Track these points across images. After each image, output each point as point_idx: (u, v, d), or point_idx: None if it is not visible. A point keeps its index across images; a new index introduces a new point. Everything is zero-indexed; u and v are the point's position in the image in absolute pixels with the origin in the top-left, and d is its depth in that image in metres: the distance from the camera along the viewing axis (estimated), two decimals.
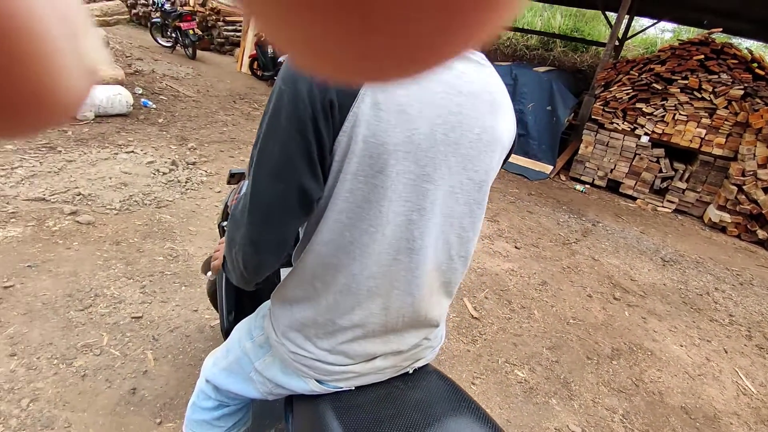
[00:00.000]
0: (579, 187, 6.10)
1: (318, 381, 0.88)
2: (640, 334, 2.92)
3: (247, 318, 1.04)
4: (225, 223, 1.21)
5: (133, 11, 10.44)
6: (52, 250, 2.42)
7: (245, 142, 4.88)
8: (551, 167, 6.27)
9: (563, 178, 6.39)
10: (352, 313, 0.80)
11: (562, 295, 3.21)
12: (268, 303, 0.97)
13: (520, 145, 6.42)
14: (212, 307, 2.23)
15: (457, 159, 0.74)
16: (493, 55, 11.45)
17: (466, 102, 0.72)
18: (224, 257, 0.84)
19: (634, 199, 5.99)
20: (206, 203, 3.34)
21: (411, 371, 0.98)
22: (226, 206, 1.30)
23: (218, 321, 2.18)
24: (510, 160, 4.95)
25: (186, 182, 3.56)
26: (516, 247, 3.84)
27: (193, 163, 3.95)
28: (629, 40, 9.50)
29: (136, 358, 1.89)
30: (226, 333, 1.31)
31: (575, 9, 11.48)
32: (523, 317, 2.84)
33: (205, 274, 1.76)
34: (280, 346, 0.88)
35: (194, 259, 2.64)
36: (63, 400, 1.63)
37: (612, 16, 7.13)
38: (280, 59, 7.46)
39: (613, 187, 6.17)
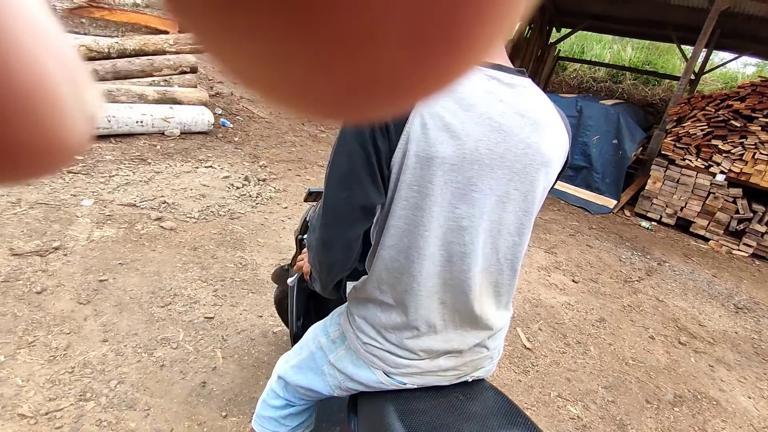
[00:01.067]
0: (644, 223, 5.84)
1: (386, 373, 0.97)
2: (706, 382, 2.75)
3: (320, 321, 1.15)
4: (304, 237, 1.33)
5: None
6: (139, 251, 2.69)
7: (311, 162, 5.15)
8: (615, 202, 6.07)
9: (627, 213, 6.16)
10: (415, 311, 0.90)
11: (621, 334, 3.09)
12: (343, 306, 1.08)
13: (583, 178, 6.28)
14: (276, 315, 2.39)
15: (503, 171, 0.83)
16: (557, 86, 11.32)
17: (509, 121, 0.82)
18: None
19: (706, 240, 5.65)
20: (274, 217, 3.56)
21: (470, 380, 1.04)
22: (305, 221, 1.43)
23: (280, 328, 2.33)
24: (571, 192, 4.90)
25: (256, 197, 3.82)
26: (573, 281, 3.75)
27: (264, 180, 4.23)
28: (706, 75, 9.09)
29: (207, 354, 2.06)
30: (294, 338, 1.42)
31: (648, 42, 11.16)
32: (579, 352, 2.78)
33: (276, 283, 1.90)
34: (355, 338, 0.98)
35: (261, 269, 2.83)
36: (144, 386, 1.82)
37: (688, 49, 6.90)
38: None
39: (683, 226, 5.86)
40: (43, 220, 2.71)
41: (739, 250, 5.43)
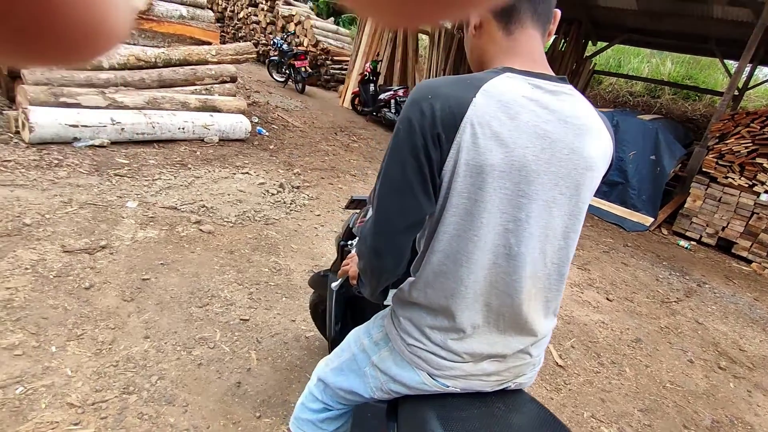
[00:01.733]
0: (683, 243, 5.65)
1: (429, 375, 0.98)
2: (743, 407, 2.63)
3: (362, 324, 1.18)
4: (351, 242, 1.36)
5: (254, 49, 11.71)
6: (180, 252, 2.79)
7: (343, 171, 5.22)
8: (651, 219, 5.90)
9: (665, 232, 5.98)
10: (461, 313, 0.91)
11: (658, 356, 3.00)
12: (386, 309, 1.10)
13: (618, 194, 6.14)
14: (310, 320, 2.43)
15: (549, 177, 0.85)
16: (593, 100, 11.13)
17: (554, 128, 0.85)
18: (358, 273, 1.01)
19: (749, 261, 5.41)
20: (307, 224, 3.63)
21: (512, 386, 1.04)
22: (348, 227, 1.47)
23: (312, 333, 2.37)
24: (605, 208, 4.82)
25: (291, 204, 3.91)
26: (608, 299, 3.66)
27: (297, 187, 4.32)
28: (750, 90, 8.78)
29: (242, 355, 2.11)
30: (332, 342, 1.45)
31: (689, 56, 10.87)
32: (613, 373, 2.70)
33: (313, 288, 1.94)
34: (399, 340, 1.00)
35: (294, 274, 2.88)
36: (183, 383, 1.88)
37: (731, 64, 6.69)
38: (381, 96, 7.91)
39: (725, 246, 5.63)
40: (91, 220, 2.85)
41: None
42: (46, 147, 3.68)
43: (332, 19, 13.99)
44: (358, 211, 1.54)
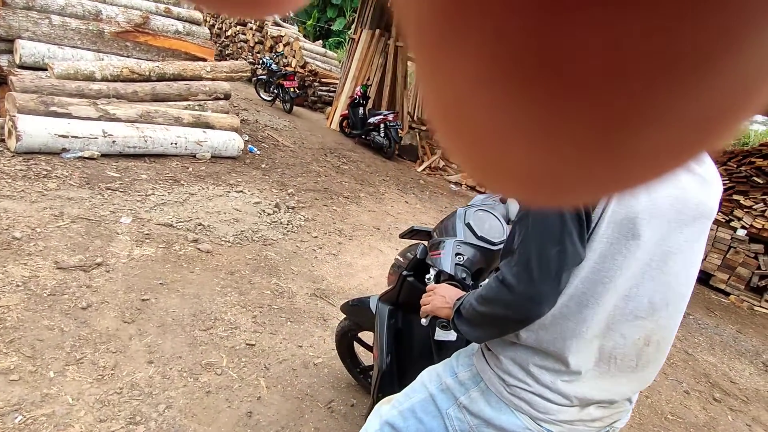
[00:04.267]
0: None
1: (532, 419, 0.94)
2: None
3: (437, 364, 1.13)
4: (429, 277, 1.30)
5: None
6: (178, 272, 2.68)
7: (336, 193, 5.18)
8: None
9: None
10: (575, 355, 0.89)
11: (656, 387, 3.02)
12: (470, 347, 1.07)
13: None
14: (318, 345, 2.35)
15: (677, 225, 0.89)
16: None
17: (684, 178, 0.88)
18: (457, 313, 0.99)
19: (726, 294, 5.60)
20: (305, 246, 3.56)
21: (610, 431, 1.01)
22: (417, 259, 1.41)
23: (320, 360, 2.29)
24: None
25: (287, 224, 3.83)
26: None
27: (293, 208, 4.25)
28: None
29: (251, 383, 2.02)
30: (383, 375, 1.40)
31: None
32: None
33: (349, 317, 1.88)
34: (497, 380, 0.96)
35: (297, 297, 2.80)
36: (191, 412, 1.77)
37: None
38: (370, 120, 7.98)
39: (703, 279, 5.81)
40: (85, 235, 2.72)
41: (760, 306, 5.37)
42: (33, 157, 3.52)
43: (320, 42, 14.16)
44: (420, 242, 1.50)
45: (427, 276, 1.29)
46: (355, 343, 2.05)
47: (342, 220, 4.41)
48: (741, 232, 5.53)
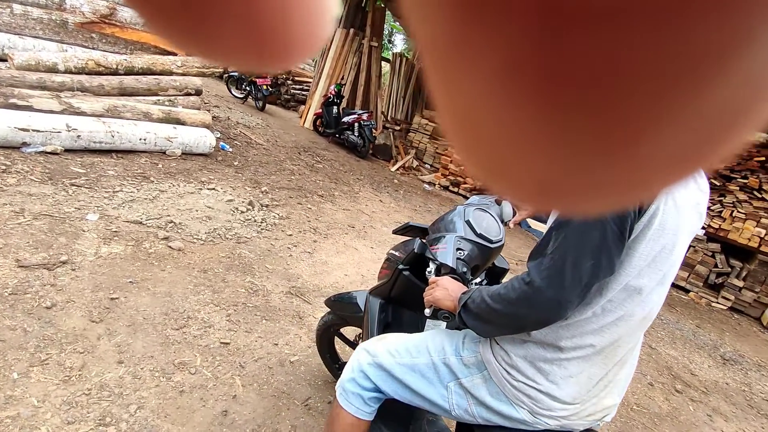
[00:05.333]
0: None
1: (531, 413, 0.99)
2: (708, 431, 2.80)
3: (443, 333, 1.16)
4: (430, 270, 1.32)
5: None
6: (149, 270, 2.60)
7: (310, 191, 5.15)
8: None
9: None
10: (588, 361, 0.96)
11: None
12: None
13: None
14: (294, 344, 2.33)
15: (685, 236, 0.94)
16: None
17: (690, 191, 0.94)
18: (465, 308, 1.01)
19: (686, 291, 5.85)
20: (280, 244, 3.52)
21: (600, 424, 1.06)
22: (414, 253, 1.42)
23: (297, 357, 2.28)
24: (542, 229, 5.07)
25: (261, 222, 3.78)
26: None
27: (267, 206, 4.19)
28: None
29: (226, 381, 1.98)
30: None
31: None
32: None
33: (334, 311, 1.88)
34: (504, 374, 1.00)
35: (272, 295, 2.77)
36: (164, 412, 1.72)
37: None
38: (344, 119, 7.95)
39: None
40: (48, 233, 2.61)
41: (718, 302, 5.64)
42: None
43: None
44: (415, 238, 1.52)
45: (428, 269, 1.30)
46: (336, 338, 2.04)
47: (317, 218, 4.38)
48: (700, 232, 5.78)
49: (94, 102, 4.17)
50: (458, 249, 1.35)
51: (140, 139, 4.35)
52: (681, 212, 0.89)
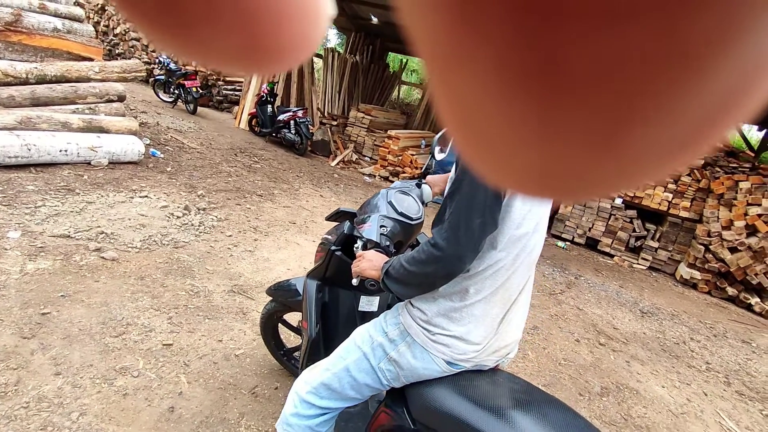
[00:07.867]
0: (560, 243, 6.48)
1: (447, 362, 1.14)
2: (626, 375, 3.14)
3: (367, 325, 1.28)
4: (357, 246, 1.43)
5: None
6: (81, 282, 2.55)
7: (249, 191, 5.13)
8: None
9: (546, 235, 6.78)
10: (488, 302, 1.12)
11: (552, 339, 3.43)
12: (396, 308, 1.25)
13: None
14: (238, 338, 2.38)
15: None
16: None
17: None
18: (387, 274, 1.16)
19: (611, 256, 6.38)
20: (220, 245, 3.52)
21: (505, 362, 1.24)
22: (345, 234, 1.53)
23: (242, 351, 2.34)
24: None
25: (199, 226, 3.75)
26: None
27: (204, 209, 4.16)
28: None
29: (170, 380, 2.01)
30: (313, 343, 1.53)
31: None
32: (519, 357, 3.04)
33: (274, 299, 1.97)
34: (424, 332, 1.15)
35: (214, 295, 2.79)
36: (109, 416, 1.74)
37: None
38: (280, 117, 7.90)
39: (592, 244, 6.57)
40: None
41: (638, 264, 6.20)
42: None
43: None
44: (339, 223, 1.63)
45: (356, 246, 1.43)
46: (279, 325, 2.13)
47: (257, 217, 4.39)
48: (618, 201, 6.32)
49: (5, 114, 3.94)
50: (382, 226, 1.49)
51: (60, 151, 4.16)
52: None
